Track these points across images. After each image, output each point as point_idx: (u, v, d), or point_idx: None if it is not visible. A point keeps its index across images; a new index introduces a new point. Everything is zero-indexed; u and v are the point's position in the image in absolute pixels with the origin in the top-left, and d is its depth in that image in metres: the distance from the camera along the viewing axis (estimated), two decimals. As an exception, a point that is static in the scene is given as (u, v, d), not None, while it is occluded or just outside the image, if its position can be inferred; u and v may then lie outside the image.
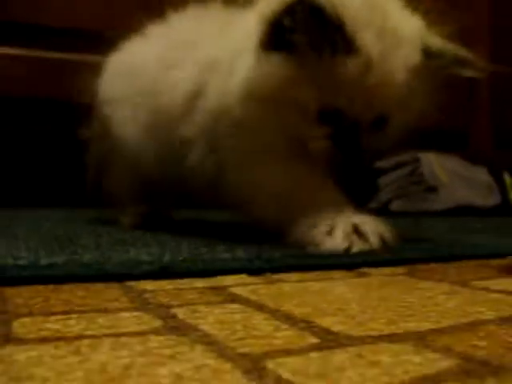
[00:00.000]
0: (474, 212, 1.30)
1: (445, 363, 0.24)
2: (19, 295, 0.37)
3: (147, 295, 0.38)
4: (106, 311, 0.33)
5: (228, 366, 0.23)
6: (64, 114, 0.86)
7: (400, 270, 0.51)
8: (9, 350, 0.25)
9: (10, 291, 0.38)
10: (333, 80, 0.59)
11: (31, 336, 0.27)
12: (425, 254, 0.55)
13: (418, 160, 1.37)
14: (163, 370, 0.22)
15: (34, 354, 0.24)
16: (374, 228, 0.57)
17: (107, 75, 0.85)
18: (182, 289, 0.40)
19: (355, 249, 0.55)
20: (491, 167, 1.47)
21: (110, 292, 0.39)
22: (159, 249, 0.55)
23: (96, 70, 0.85)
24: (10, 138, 1.30)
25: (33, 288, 0.39)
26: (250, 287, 0.41)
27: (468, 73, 0.63)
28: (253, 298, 0.37)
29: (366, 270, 0.50)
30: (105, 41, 0.82)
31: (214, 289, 0.40)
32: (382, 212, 1.25)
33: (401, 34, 0.60)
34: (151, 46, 0.80)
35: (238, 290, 0.40)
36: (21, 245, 0.56)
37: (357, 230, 0.57)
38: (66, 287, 0.39)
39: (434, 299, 0.38)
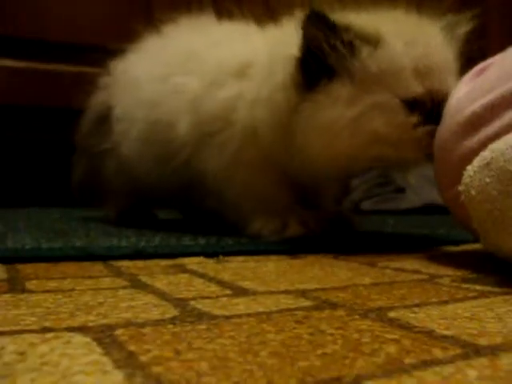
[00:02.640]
0: (439, 210, 1.43)
1: (306, 303, 0.37)
2: (28, 268, 0.50)
3: (123, 269, 0.51)
4: (91, 277, 0.46)
5: (165, 303, 0.36)
6: (60, 121, 0.96)
7: (331, 255, 0.63)
8: (24, 295, 0.38)
9: (20, 266, 0.51)
10: (394, 72, 0.61)
11: (39, 290, 0.40)
12: (352, 243, 0.69)
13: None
14: (124, 304, 0.35)
15: (41, 297, 0.37)
16: (316, 221, 0.71)
17: (119, 91, 0.86)
18: (150, 266, 0.53)
19: (304, 234, 0.69)
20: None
21: (96, 267, 0.52)
22: (137, 238, 0.68)
23: (93, 81, 0.91)
24: (14, 144, 1.45)
25: (37, 264, 0.52)
26: (202, 265, 0.54)
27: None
28: (200, 270, 0.51)
29: (304, 255, 0.63)
30: (106, 53, 0.87)
31: (174, 266, 0.54)
32: (353, 211, 1.39)
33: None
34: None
35: (191, 266, 0.53)
36: (25, 235, 0.69)
37: (304, 222, 0.71)
38: (61, 264, 0.53)
39: (336, 273, 0.51)
